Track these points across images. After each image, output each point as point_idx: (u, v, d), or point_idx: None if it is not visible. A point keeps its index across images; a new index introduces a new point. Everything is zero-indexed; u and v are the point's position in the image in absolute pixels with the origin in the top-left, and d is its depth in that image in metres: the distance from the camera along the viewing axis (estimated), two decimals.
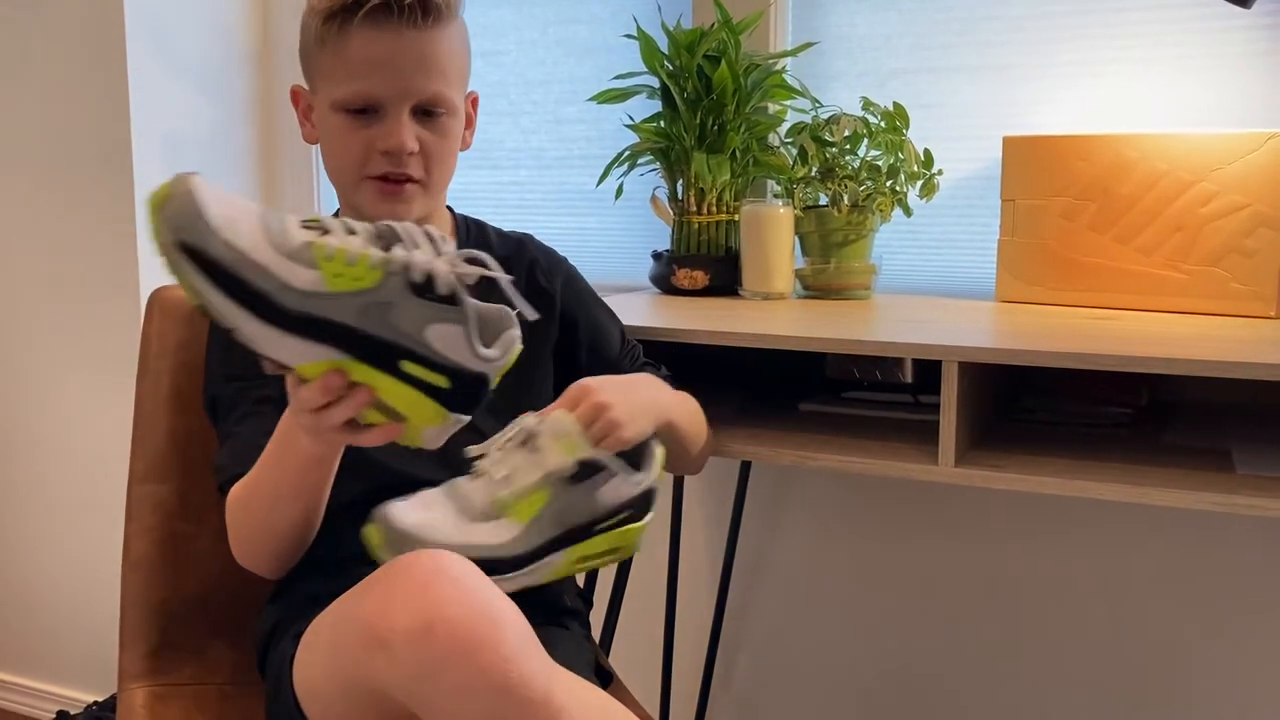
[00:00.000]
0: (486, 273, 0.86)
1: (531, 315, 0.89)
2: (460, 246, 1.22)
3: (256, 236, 0.81)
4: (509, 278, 0.89)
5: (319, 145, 1.19)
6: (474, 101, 1.23)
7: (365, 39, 1.09)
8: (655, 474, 1.07)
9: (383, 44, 1.09)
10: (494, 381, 0.89)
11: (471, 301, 0.86)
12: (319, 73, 1.14)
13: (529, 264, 1.26)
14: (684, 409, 1.21)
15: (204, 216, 0.79)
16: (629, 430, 1.05)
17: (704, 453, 1.26)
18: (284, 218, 0.84)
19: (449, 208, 1.28)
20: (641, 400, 1.11)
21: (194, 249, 0.79)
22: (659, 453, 1.09)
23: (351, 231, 0.85)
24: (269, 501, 1.04)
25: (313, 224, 0.84)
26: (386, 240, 0.85)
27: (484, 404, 0.90)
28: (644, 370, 1.29)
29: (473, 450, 1.05)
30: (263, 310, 0.81)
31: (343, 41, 1.10)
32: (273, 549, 1.08)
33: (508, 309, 0.90)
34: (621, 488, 1.03)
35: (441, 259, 0.84)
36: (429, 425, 0.88)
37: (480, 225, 1.28)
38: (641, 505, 1.06)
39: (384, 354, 0.83)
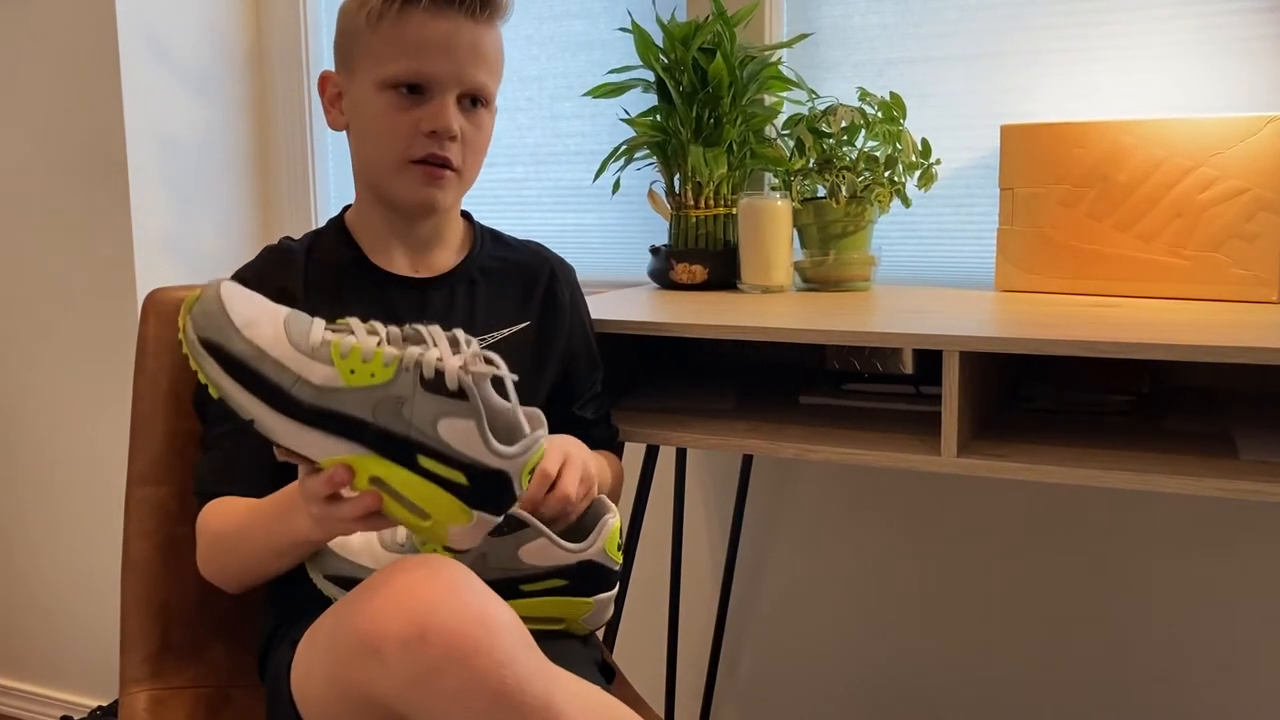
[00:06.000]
0: (497, 372, 0.87)
1: (529, 429, 0.90)
2: (475, 254, 1.23)
3: (278, 335, 0.86)
4: (514, 377, 0.89)
5: (349, 132, 1.19)
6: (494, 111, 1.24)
7: (424, 21, 1.11)
8: (600, 547, 1.04)
9: (441, 28, 1.12)
10: (520, 481, 0.88)
11: (496, 400, 0.87)
12: (365, 53, 1.14)
13: (549, 274, 1.27)
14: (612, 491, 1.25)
15: (227, 315, 0.85)
16: (573, 517, 1.09)
17: None
18: (311, 321, 0.88)
19: (467, 215, 1.28)
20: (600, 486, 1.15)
21: (215, 345, 0.85)
22: (611, 526, 1.05)
23: (374, 332, 0.88)
24: (252, 554, 1.05)
25: (340, 326, 0.89)
26: (410, 341, 0.88)
27: (511, 504, 0.90)
28: (600, 424, 1.29)
29: None
30: (280, 403, 0.85)
31: (402, 21, 1.11)
32: (240, 582, 1.09)
33: (539, 411, 0.91)
34: (549, 550, 1.01)
35: (456, 357, 0.86)
36: (454, 523, 0.88)
37: (495, 234, 1.29)
38: (581, 576, 1.02)
39: (399, 449, 0.85)
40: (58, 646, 2.26)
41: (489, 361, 0.87)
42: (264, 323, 0.86)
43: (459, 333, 0.89)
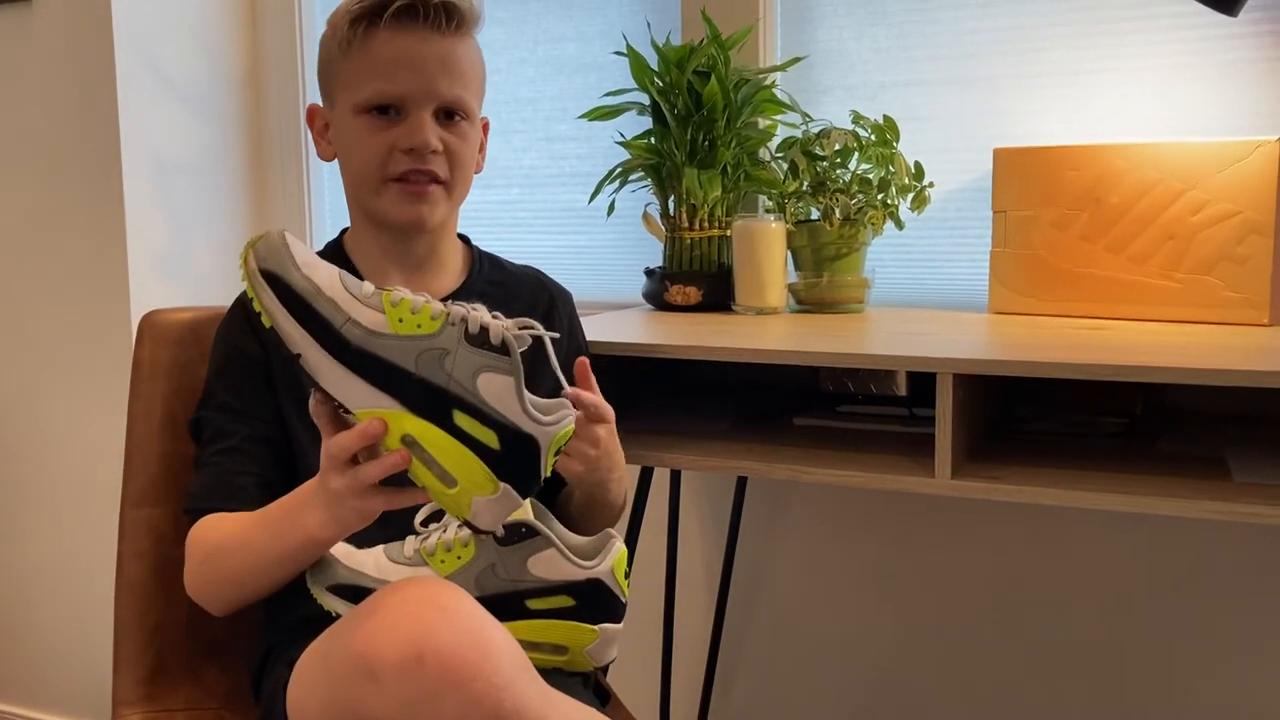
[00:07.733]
0: (538, 331, 0.90)
1: (567, 385, 0.94)
2: (474, 278, 1.24)
3: (333, 280, 0.89)
4: (555, 335, 0.92)
5: (337, 160, 1.19)
6: (485, 127, 1.23)
7: (390, 39, 1.11)
8: (609, 568, 1.02)
9: (407, 45, 1.11)
10: (547, 457, 0.89)
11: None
12: (341, 81, 1.14)
13: (548, 300, 1.27)
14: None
15: (289, 251, 0.89)
16: (610, 450, 1.09)
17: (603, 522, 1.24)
18: (363, 281, 0.91)
19: (465, 239, 1.28)
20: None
21: (275, 276, 0.88)
22: (618, 550, 1.04)
23: (421, 296, 0.91)
24: (252, 563, 1.03)
25: (388, 289, 0.91)
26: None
27: (536, 484, 0.90)
28: None
29: (425, 511, 1.05)
30: (328, 341, 0.88)
31: (368, 43, 1.11)
32: (232, 599, 1.07)
33: (568, 402, 0.93)
34: (558, 563, 1.00)
35: (499, 320, 0.89)
36: (479, 493, 0.88)
37: (494, 258, 1.29)
38: (588, 598, 1.01)
39: (436, 403, 0.86)
40: (48, 669, 2.25)
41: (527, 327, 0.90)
42: (321, 268, 0.90)
43: (497, 315, 0.91)
